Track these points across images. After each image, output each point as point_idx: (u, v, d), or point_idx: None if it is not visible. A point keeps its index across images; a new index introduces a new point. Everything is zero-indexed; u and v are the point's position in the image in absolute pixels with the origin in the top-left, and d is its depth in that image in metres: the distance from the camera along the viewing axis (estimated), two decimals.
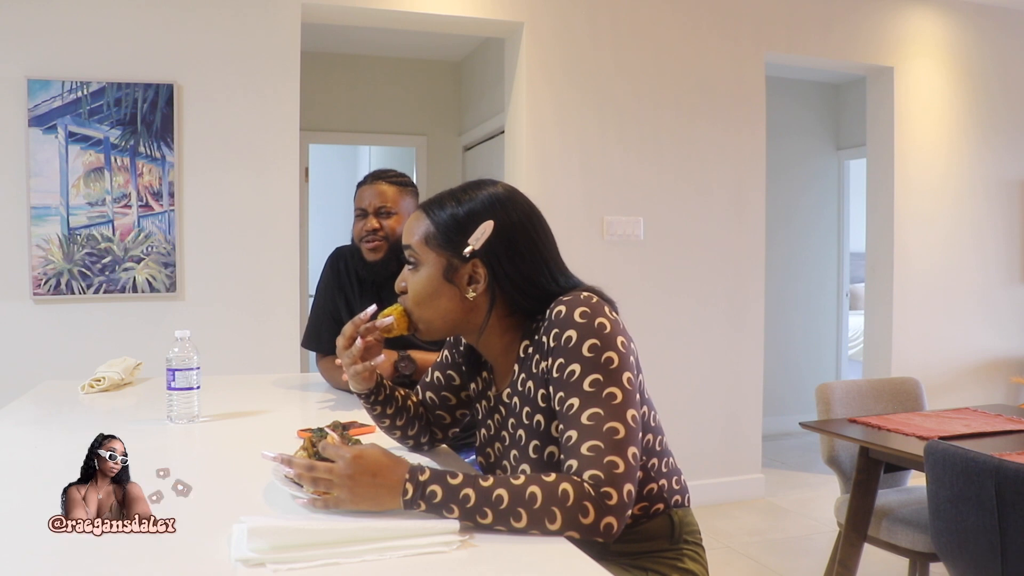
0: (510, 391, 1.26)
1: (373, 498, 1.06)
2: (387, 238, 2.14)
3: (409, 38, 4.61)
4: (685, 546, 1.29)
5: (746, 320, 4.00)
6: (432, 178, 5.28)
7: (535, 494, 1.03)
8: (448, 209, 1.24)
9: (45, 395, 2.08)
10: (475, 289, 1.23)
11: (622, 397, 1.10)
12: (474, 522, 1.04)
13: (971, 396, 4.35)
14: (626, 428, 1.09)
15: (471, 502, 1.03)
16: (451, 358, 1.44)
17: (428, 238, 1.24)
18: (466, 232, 1.22)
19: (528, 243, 1.23)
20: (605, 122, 3.74)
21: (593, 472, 1.05)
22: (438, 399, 1.45)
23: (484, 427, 1.35)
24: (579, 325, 1.13)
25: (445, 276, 1.23)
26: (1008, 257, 4.54)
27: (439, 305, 1.25)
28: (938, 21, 4.33)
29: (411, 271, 1.27)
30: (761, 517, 3.79)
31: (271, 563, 0.92)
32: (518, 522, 1.03)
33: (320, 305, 2.32)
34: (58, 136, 3.05)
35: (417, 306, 1.27)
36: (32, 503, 1.18)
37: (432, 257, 1.24)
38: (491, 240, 1.21)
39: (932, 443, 1.87)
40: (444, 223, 1.23)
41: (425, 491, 1.04)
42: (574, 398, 1.11)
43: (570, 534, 1.03)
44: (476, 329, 1.27)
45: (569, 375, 1.12)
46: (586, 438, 1.08)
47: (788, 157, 5.48)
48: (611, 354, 1.12)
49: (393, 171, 2.23)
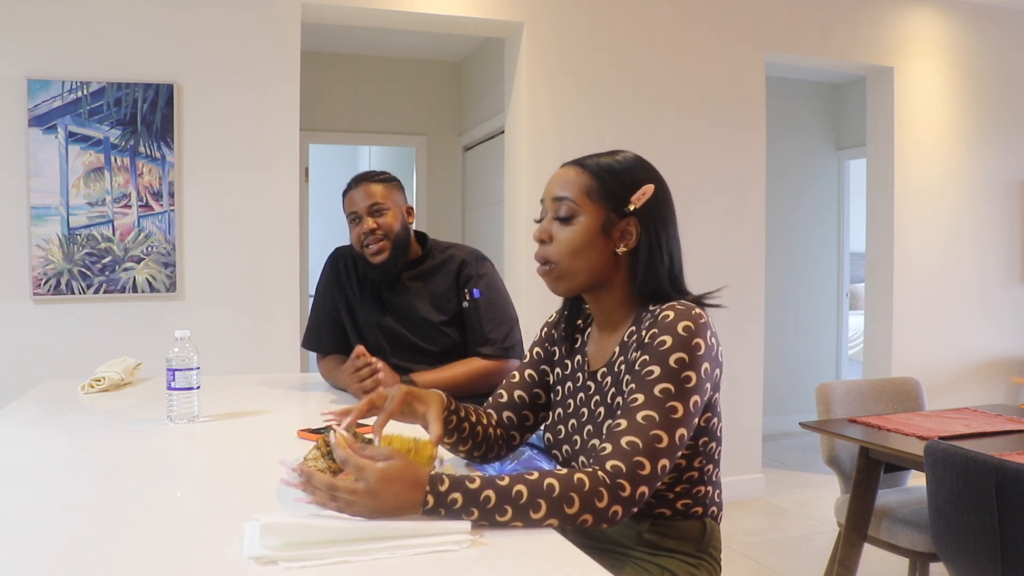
0: (605, 370, 1.30)
1: (393, 510, 1.05)
2: (387, 235, 2.14)
3: (409, 38, 4.61)
4: (707, 559, 1.31)
5: (746, 320, 4.00)
6: (432, 178, 5.29)
7: (553, 484, 1.06)
8: (609, 166, 1.28)
9: (45, 395, 2.08)
10: (626, 245, 1.26)
11: (682, 414, 1.14)
12: (492, 521, 1.05)
13: (971, 396, 4.35)
14: (670, 441, 1.13)
15: (491, 503, 1.04)
16: (542, 354, 1.46)
17: (590, 191, 1.27)
18: (628, 190, 1.26)
19: (672, 216, 1.30)
20: (605, 122, 3.74)
21: (617, 463, 1.10)
22: (528, 396, 1.45)
23: (562, 406, 1.38)
24: (678, 336, 1.16)
25: (603, 229, 1.26)
26: (1008, 257, 4.54)
27: (590, 256, 1.26)
28: (938, 21, 4.34)
29: (561, 224, 1.27)
30: (761, 517, 3.79)
31: (283, 561, 0.92)
32: (537, 513, 1.05)
33: (320, 305, 2.32)
34: (58, 136, 3.05)
35: (568, 255, 1.27)
36: (32, 503, 1.18)
37: (592, 208, 1.26)
38: (650, 202, 1.26)
39: (932, 443, 1.87)
40: (609, 178, 1.27)
41: (446, 500, 1.05)
42: (641, 394, 1.15)
43: (583, 519, 1.06)
44: (608, 288, 1.29)
45: (647, 373, 1.16)
46: (631, 432, 1.12)
47: (788, 157, 5.48)
48: (691, 374, 1.16)
49: (375, 171, 2.23)
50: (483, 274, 2.19)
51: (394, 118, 5.21)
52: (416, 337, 2.18)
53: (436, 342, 2.17)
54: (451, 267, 2.20)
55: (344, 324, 2.27)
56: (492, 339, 2.14)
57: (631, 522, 1.28)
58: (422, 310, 2.18)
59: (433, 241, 2.30)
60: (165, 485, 1.32)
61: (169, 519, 1.13)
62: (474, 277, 2.18)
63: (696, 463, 1.27)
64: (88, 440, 1.61)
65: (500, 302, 2.19)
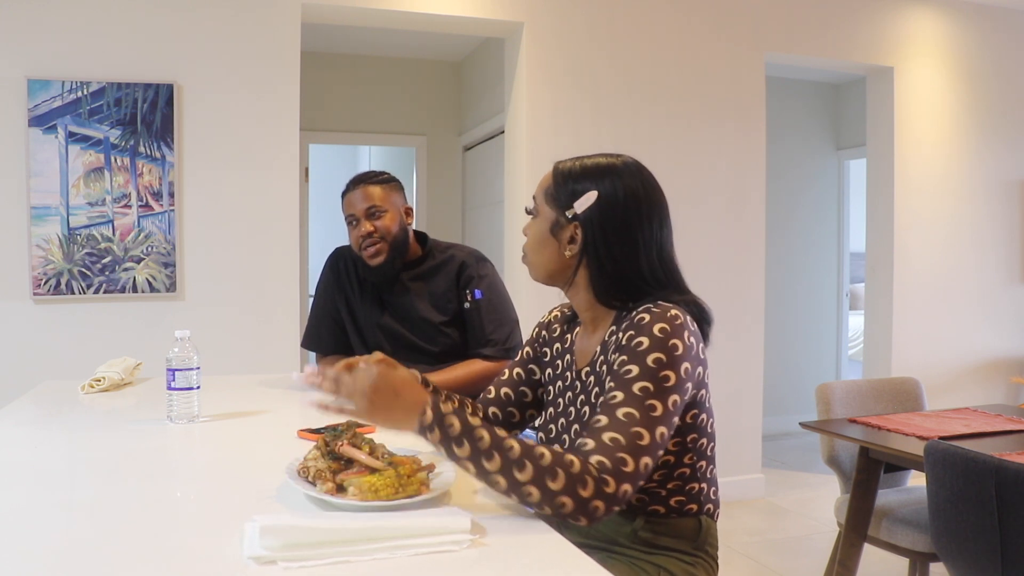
0: (588, 370, 1.32)
1: (388, 412, 1.11)
2: (384, 238, 2.14)
3: (409, 38, 4.61)
4: (704, 556, 1.31)
5: (746, 320, 4.00)
6: (432, 178, 5.28)
7: (544, 454, 1.07)
8: (569, 171, 1.33)
9: (45, 395, 2.07)
10: (571, 250, 1.31)
11: (661, 412, 1.14)
12: (479, 464, 1.08)
13: (971, 396, 4.35)
14: (651, 439, 1.12)
15: (484, 443, 1.07)
16: (532, 353, 1.49)
17: (547, 192, 1.34)
18: (574, 195, 1.30)
19: (623, 226, 1.28)
20: (605, 122, 3.74)
21: (602, 459, 1.09)
22: (514, 394, 1.49)
23: (553, 405, 1.40)
24: (654, 337, 1.17)
25: (551, 230, 1.32)
26: (1008, 257, 4.54)
27: (544, 253, 1.34)
28: (938, 21, 4.33)
29: (532, 220, 1.37)
30: (761, 517, 3.79)
31: (283, 561, 0.92)
32: (521, 473, 1.06)
33: (320, 305, 2.32)
34: (58, 136, 3.05)
35: (531, 250, 1.37)
36: (32, 503, 1.18)
37: (546, 210, 1.34)
38: (592, 209, 1.28)
39: (932, 443, 1.87)
40: (560, 182, 1.32)
41: (444, 420, 1.08)
42: (620, 392, 1.15)
43: (562, 500, 1.06)
44: (572, 286, 1.34)
45: (626, 372, 1.17)
46: (612, 429, 1.12)
47: (788, 157, 5.48)
48: (670, 373, 1.16)
49: (373, 172, 2.22)
50: (484, 275, 2.19)
51: (394, 118, 5.21)
52: (416, 337, 2.18)
53: (436, 342, 2.17)
54: (451, 268, 2.20)
55: (344, 324, 2.27)
56: (493, 340, 2.14)
57: (625, 520, 1.28)
58: (422, 310, 2.18)
59: (433, 241, 2.29)
60: (165, 485, 1.32)
61: (169, 519, 1.13)
62: (475, 278, 2.18)
63: (686, 460, 1.27)
64: (88, 440, 1.61)
65: (501, 303, 2.20)
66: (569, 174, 1.32)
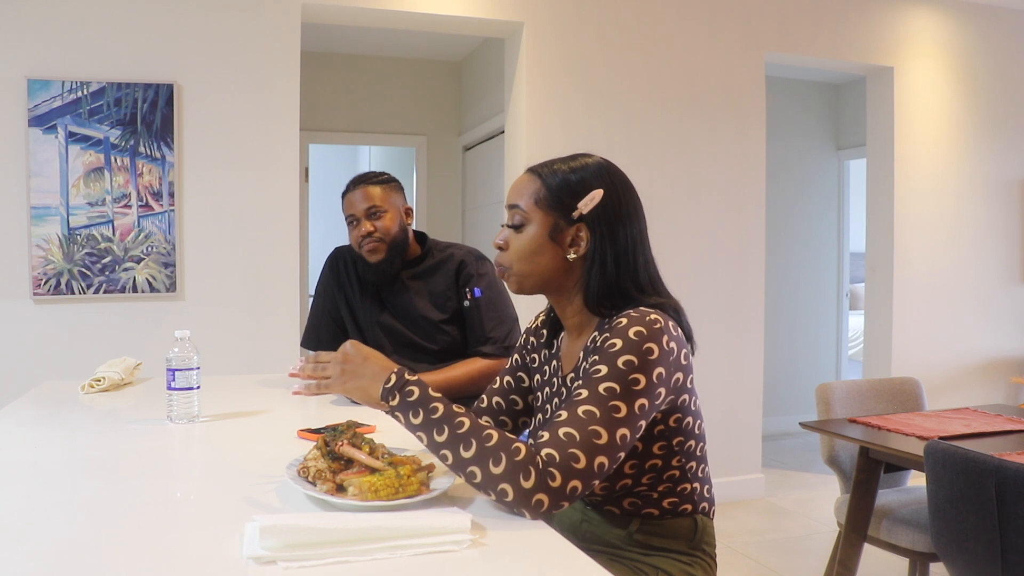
0: (574, 375, 1.32)
1: (357, 378, 1.19)
2: (383, 239, 2.14)
3: (409, 38, 4.61)
4: (701, 555, 1.31)
5: (746, 320, 4.00)
6: (432, 178, 5.28)
7: (492, 436, 1.10)
8: (561, 173, 1.30)
9: (45, 395, 2.07)
10: (576, 251, 1.28)
11: (624, 414, 1.13)
12: (429, 435, 1.13)
13: (971, 396, 4.35)
14: (609, 440, 1.11)
15: (438, 414, 1.13)
16: (520, 360, 1.49)
17: (539, 199, 1.29)
18: (577, 196, 1.27)
19: (628, 220, 1.29)
20: (605, 122, 3.74)
21: (551, 452, 1.08)
22: (505, 403, 1.48)
23: (541, 411, 1.40)
24: (628, 340, 1.17)
25: (551, 235, 1.29)
26: (1008, 257, 4.54)
27: (540, 262, 1.30)
28: (938, 21, 4.34)
29: (515, 231, 1.31)
30: (761, 517, 3.79)
31: (283, 561, 0.92)
32: (467, 451, 1.09)
33: (320, 305, 2.32)
34: (58, 136, 3.05)
35: (518, 261, 1.31)
36: (32, 503, 1.18)
37: (540, 216, 1.29)
38: (598, 208, 1.27)
39: (932, 443, 1.87)
40: (557, 186, 1.29)
41: (405, 387, 1.15)
42: (586, 389, 1.15)
43: (503, 487, 1.06)
44: (566, 292, 1.32)
45: (595, 372, 1.16)
46: (569, 424, 1.11)
47: (788, 157, 5.48)
48: (640, 376, 1.15)
49: (374, 172, 2.24)
50: (483, 273, 2.20)
51: (394, 118, 5.21)
52: (416, 335, 2.18)
53: (436, 340, 2.18)
54: (450, 266, 2.21)
55: (344, 323, 2.28)
56: (493, 338, 2.14)
57: (620, 524, 1.29)
58: (421, 308, 2.18)
59: (432, 240, 2.30)
60: (165, 485, 1.32)
61: (169, 519, 1.13)
62: (475, 276, 2.18)
63: (675, 462, 1.27)
64: (88, 440, 1.61)
65: (501, 301, 2.20)
66: (562, 176, 1.29)
